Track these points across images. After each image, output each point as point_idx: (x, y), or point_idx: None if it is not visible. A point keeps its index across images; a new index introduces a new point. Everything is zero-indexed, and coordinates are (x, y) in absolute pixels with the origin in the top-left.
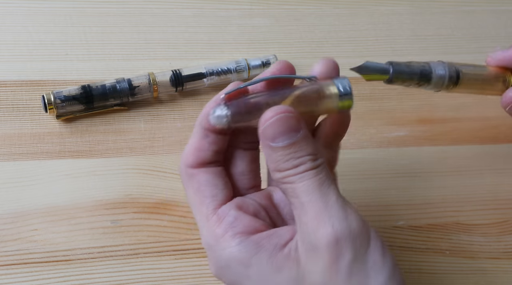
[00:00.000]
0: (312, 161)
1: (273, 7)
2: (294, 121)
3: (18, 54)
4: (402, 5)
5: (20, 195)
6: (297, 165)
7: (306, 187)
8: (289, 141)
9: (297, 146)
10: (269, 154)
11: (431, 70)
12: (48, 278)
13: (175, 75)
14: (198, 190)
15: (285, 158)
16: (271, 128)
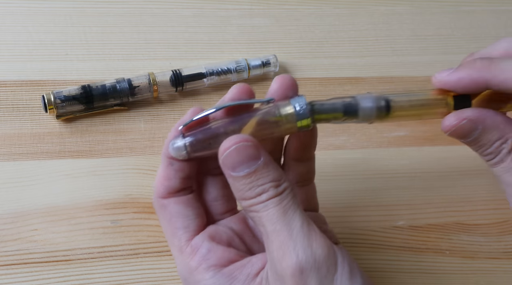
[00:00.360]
0: (274, 188)
1: (273, 7)
2: (252, 150)
3: (18, 54)
4: (402, 5)
5: (20, 195)
6: (260, 193)
7: (271, 215)
8: (249, 170)
9: (258, 174)
10: (232, 184)
11: (357, 103)
12: (48, 278)
13: (175, 75)
14: (170, 222)
15: (247, 186)
16: (230, 158)
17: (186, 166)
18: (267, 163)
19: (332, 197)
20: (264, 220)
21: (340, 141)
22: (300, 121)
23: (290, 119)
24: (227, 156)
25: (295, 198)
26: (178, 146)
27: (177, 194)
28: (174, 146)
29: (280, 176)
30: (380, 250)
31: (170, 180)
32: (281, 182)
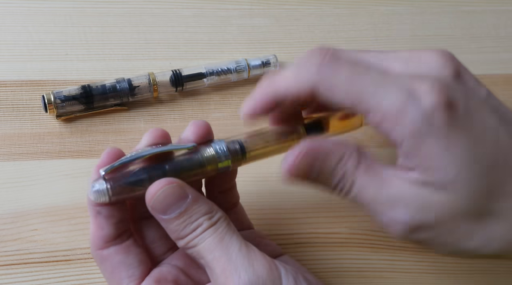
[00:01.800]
0: (208, 220)
1: (273, 7)
2: (178, 190)
3: (18, 54)
4: (402, 5)
5: (20, 195)
6: (195, 229)
7: (208, 245)
8: (180, 210)
9: (189, 212)
10: (166, 227)
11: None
12: (48, 278)
13: (175, 75)
14: (113, 273)
15: (181, 226)
16: (159, 203)
17: (115, 211)
18: (196, 199)
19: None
20: (202, 252)
21: None
22: (222, 162)
23: (211, 162)
24: (155, 201)
25: (229, 225)
26: (98, 189)
27: (115, 242)
28: (94, 189)
29: (211, 208)
30: (380, 250)
31: (104, 229)
32: (214, 214)
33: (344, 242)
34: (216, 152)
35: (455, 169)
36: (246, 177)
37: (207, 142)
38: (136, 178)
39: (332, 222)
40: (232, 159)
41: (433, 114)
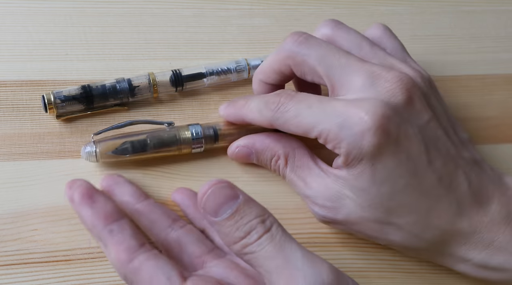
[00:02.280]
0: (261, 223)
1: (273, 7)
2: (228, 190)
3: (18, 54)
4: (402, 5)
5: (20, 195)
6: (249, 231)
7: (269, 253)
8: (231, 210)
9: (241, 212)
10: (219, 231)
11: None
12: (48, 278)
13: (175, 75)
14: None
15: (233, 228)
16: (209, 203)
17: (125, 225)
18: (247, 200)
19: None
20: (261, 260)
21: None
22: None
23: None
24: (206, 201)
25: (284, 230)
26: (89, 151)
27: (141, 250)
28: (86, 151)
29: (263, 211)
30: (380, 250)
31: (124, 242)
32: (266, 217)
33: (344, 242)
34: (192, 134)
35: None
36: (248, 177)
37: (188, 125)
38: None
39: None
40: (205, 141)
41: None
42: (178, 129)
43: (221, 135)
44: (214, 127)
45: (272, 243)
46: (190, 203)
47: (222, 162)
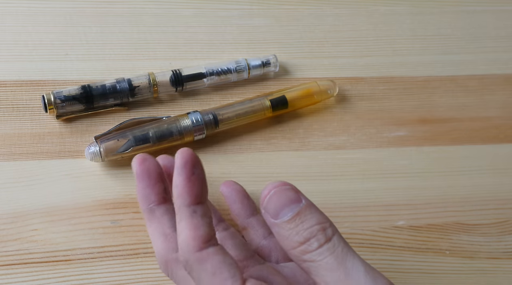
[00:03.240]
0: (322, 231)
1: (273, 7)
2: (292, 193)
3: (18, 54)
4: (402, 5)
5: (20, 195)
6: (309, 238)
7: (330, 264)
8: (292, 213)
9: (302, 217)
10: (278, 233)
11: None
12: (48, 278)
13: (175, 75)
14: (214, 275)
15: (293, 231)
16: (271, 203)
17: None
18: (309, 206)
19: (332, 197)
20: (322, 270)
21: (340, 141)
22: (196, 131)
23: (188, 129)
24: (268, 201)
25: (346, 242)
26: (93, 151)
27: (211, 242)
28: (90, 151)
29: (324, 218)
30: (380, 250)
31: (201, 229)
32: (327, 225)
33: None
34: (192, 122)
35: None
36: (246, 177)
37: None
38: (122, 135)
39: (332, 222)
40: (206, 127)
41: None
42: (177, 118)
43: (221, 120)
44: (213, 112)
45: (334, 254)
46: (237, 198)
47: (225, 148)
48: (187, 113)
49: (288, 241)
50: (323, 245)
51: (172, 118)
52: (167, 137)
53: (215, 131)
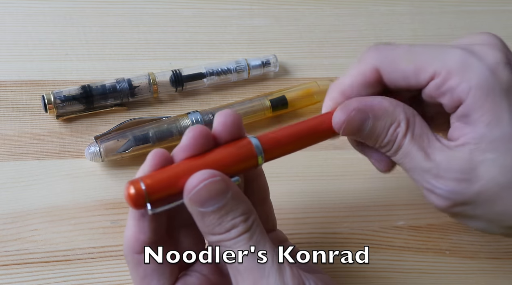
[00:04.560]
0: (244, 222)
1: (273, 7)
2: (221, 185)
3: (18, 54)
4: (402, 5)
5: (20, 195)
6: (230, 229)
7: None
8: (219, 205)
9: (227, 208)
10: (200, 220)
11: None
12: (48, 278)
13: (175, 75)
14: (144, 279)
15: (216, 222)
16: (199, 195)
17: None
18: (236, 196)
19: (332, 197)
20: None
21: (340, 141)
22: None
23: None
24: (196, 193)
25: (262, 230)
26: (93, 151)
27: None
28: (90, 151)
29: (248, 208)
30: (380, 250)
31: (145, 233)
32: (250, 215)
33: (344, 242)
34: (192, 122)
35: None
36: None
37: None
38: (121, 135)
39: (332, 222)
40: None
41: (498, 68)
42: (178, 118)
43: None
44: (213, 113)
45: (248, 243)
46: None
47: None
48: (187, 113)
49: (208, 228)
50: (242, 235)
51: (172, 118)
52: (167, 137)
53: None
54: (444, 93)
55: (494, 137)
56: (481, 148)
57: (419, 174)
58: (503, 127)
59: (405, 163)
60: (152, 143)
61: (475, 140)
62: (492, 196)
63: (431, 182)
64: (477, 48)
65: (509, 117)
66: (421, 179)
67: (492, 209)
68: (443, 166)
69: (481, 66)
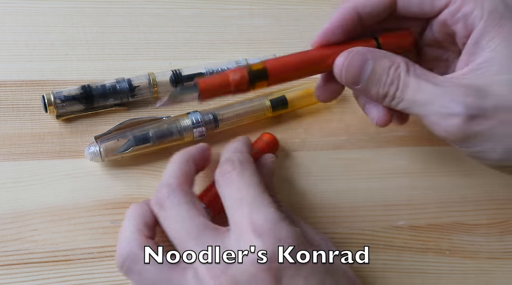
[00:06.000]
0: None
1: (273, 7)
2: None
3: (18, 54)
4: None
5: (20, 195)
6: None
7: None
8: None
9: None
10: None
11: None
12: (48, 278)
13: (175, 75)
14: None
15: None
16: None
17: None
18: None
19: (332, 197)
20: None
21: (340, 141)
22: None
23: (188, 129)
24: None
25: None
26: (93, 151)
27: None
28: (90, 151)
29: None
30: (380, 250)
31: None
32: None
33: (344, 242)
34: (192, 122)
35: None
36: None
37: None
38: (121, 135)
39: (332, 222)
40: (206, 127)
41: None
42: (178, 118)
43: (221, 120)
44: (213, 112)
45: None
46: None
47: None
48: (187, 113)
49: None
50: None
51: (172, 118)
52: (167, 137)
53: (215, 131)
54: (458, 20)
55: (501, 59)
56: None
57: (433, 104)
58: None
59: (416, 100)
60: (152, 143)
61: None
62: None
63: (447, 104)
64: None
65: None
66: (436, 108)
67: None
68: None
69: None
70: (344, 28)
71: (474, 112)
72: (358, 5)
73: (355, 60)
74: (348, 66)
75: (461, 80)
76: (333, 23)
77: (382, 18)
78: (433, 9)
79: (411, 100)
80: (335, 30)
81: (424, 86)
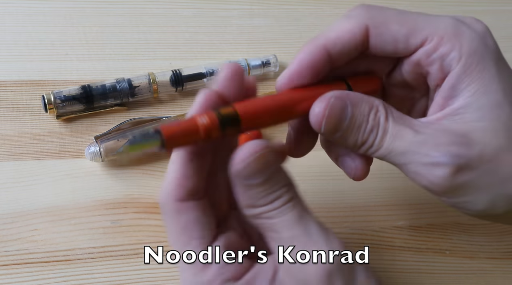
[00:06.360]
0: (287, 193)
1: (273, 7)
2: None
3: (18, 54)
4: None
5: (20, 195)
6: (273, 200)
7: (287, 221)
8: (265, 177)
9: (273, 180)
10: (243, 192)
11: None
12: (48, 278)
13: (175, 75)
14: (184, 230)
15: (261, 194)
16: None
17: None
18: (279, 168)
19: (332, 197)
20: (278, 227)
21: None
22: None
23: None
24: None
25: (304, 203)
26: (93, 151)
27: (194, 197)
28: (90, 151)
29: (290, 179)
30: (380, 250)
31: (189, 179)
32: (292, 186)
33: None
34: None
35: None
36: None
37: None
38: (121, 135)
39: (332, 222)
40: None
41: (486, 37)
42: (178, 118)
43: None
44: None
45: (292, 212)
46: None
47: None
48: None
49: (250, 201)
50: (286, 204)
51: (172, 118)
52: None
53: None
54: (433, 62)
55: (480, 105)
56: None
57: (415, 153)
58: (491, 94)
59: (395, 148)
60: None
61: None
62: (493, 159)
63: (431, 153)
64: (465, 19)
65: (497, 85)
66: (419, 157)
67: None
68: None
69: (472, 34)
70: (313, 69)
71: (460, 162)
72: (327, 43)
73: (336, 106)
74: (330, 115)
75: (441, 126)
76: (301, 64)
77: (352, 57)
78: (408, 47)
79: (389, 148)
80: (304, 72)
81: (403, 132)
